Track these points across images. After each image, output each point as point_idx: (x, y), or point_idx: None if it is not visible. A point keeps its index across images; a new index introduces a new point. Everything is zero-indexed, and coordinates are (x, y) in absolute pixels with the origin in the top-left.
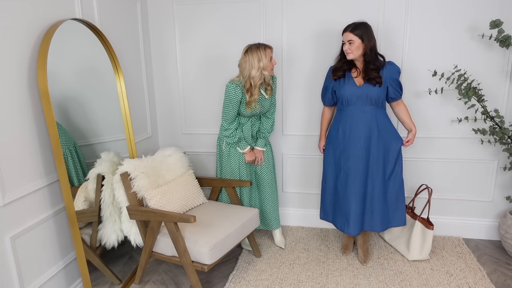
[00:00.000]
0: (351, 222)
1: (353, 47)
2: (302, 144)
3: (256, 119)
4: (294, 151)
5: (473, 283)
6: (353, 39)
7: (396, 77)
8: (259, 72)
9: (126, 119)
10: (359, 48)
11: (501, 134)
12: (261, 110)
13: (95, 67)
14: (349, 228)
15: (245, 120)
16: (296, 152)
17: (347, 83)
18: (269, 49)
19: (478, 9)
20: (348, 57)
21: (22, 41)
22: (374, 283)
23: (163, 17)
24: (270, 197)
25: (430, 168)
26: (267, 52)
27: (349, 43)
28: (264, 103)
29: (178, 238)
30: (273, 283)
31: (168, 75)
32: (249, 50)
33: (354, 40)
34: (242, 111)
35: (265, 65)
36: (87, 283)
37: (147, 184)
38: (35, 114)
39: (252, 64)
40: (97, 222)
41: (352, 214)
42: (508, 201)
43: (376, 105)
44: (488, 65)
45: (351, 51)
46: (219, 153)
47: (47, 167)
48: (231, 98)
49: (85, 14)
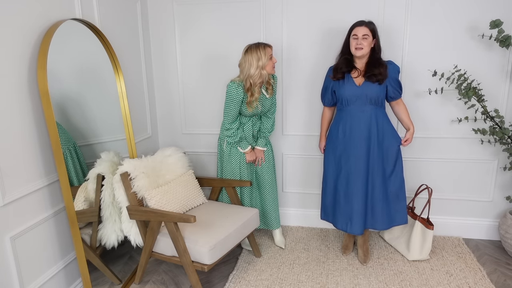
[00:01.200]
0: (354, 221)
1: (366, 42)
2: (302, 144)
3: (257, 118)
4: (294, 151)
5: (473, 283)
6: (368, 34)
7: (396, 76)
8: (258, 71)
9: (126, 119)
10: (370, 45)
11: (501, 134)
12: (262, 110)
13: (95, 67)
14: (352, 228)
15: (246, 120)
16: (296, 152)
17: (346, 83)
18: (269, 47)
19: (478, 9)
20: (358, 53)
21: (22, 41)
22: (374, 283)
23: (163, 17)
24: (270, 197)
25: (430, 168)
26: (267, 51)
27: (364, 38)
28: (265, 102)
29: (178, 238)
30: (273, 283)
31: (168, 75)
32: (249, 50)
33: (369, 35)
34: (243, 110)
35: (264, 64)
36: (87, 283)
37: (147, 184)
38: (35, 114)
39: (251, 63)
40: (97, 222)
41: (354, 214)
42: (508, 201)
43: (376, 104)
44: (488, 65)
45: (363, 47)
46: (220, 153)
47: (47, 167)
48: (233, 97)
49: (85, 14)
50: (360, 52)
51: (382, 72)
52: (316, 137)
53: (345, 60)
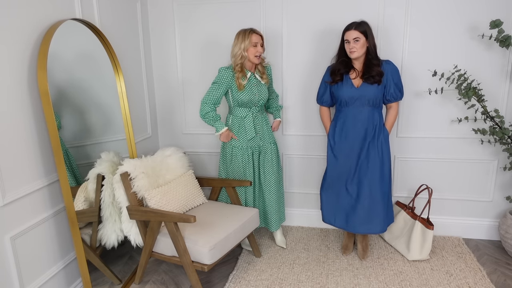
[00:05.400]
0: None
1: (358, 45)
2: (302, 144)
3: (258, 110)
4: (294, 151)
5: (473, 283)
6: (359, 37)
7: (399, 76)
8: (240, 52)
9: (126, 119)
10: (364, 46)
11: (501, 134)
12: (259, 97)
13: (95, 67)
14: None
15: (245, 112)
16: (296, 152)
17: (345, 84)
18: (255, 35)
19: (478, 9)
20: (353, 56)
21: (22, 41)
22: (374, 283)
23: (163, 17)
24: (273, 197)
25: (430, 168)
26: (252, 37)
27: (355, 41)
28: (261, 89)
29: (178, 238)
30: (273, 283)
31: (168, 75)
32: (238, 32)
33: (359, 37)
34: (238, 96)
35: (246, 47)
36: (87, 283)
37: (147, 184)
38: (35, 114)
39: (236, 43)
40: (97, 222)
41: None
42: (508, 201)
43: (374, 105)
44: (488, 65)
45: (356, 49)
46: (222, 154)
47: (47, 167)
48: (219, 78)
49: (85, 14)
50: (353, 55)
51: (378, 72)
52: (316, 137)
53: (343, 62)
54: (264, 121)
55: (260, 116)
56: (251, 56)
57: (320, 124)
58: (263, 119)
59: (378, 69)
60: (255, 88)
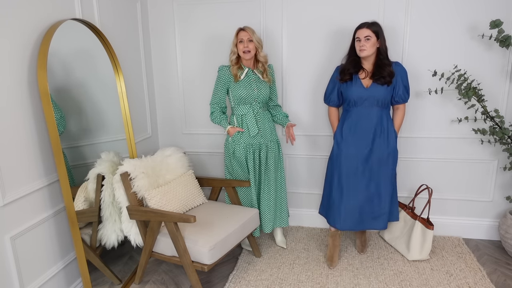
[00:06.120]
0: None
1: (368, 44)
2: (304, 145)
3: (260, 107)
4: (295, 151)
5: (473, 283)
6: (370, 35)
7: (407, 78)
8: (233, 46)
9: (126, 119)
10: (374, 46)
11: (501, 134)
12: (258, 92)
13: (95, 67)
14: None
15: (246, 109)
16: (297, 152)
17: (354, 84)
18: (243, 31)
19: (478, 9)
20: (362, 54)
21: (22, 41)
22: (374, 283)
23: (163, 17)
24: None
25: (430, 168)
26: (240, 34)
27: (366, 39)
28: (262, 86)
29: (178, 238)
30: (273, 283)
31: (168, 75)
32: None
33: (371, 36)
34: (234, 90)
35: (235, 43)
36: (87, 283)
37: (147, 184)
38: (35, 114)
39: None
40: (97, 222)
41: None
42: (508, 201)
43: (382, 106)
44: (488, 65)
45: (366, 48)
46: (226, 155)
47: (47, 167)
48: (218, 77)
49: (85, 14)
50: (363, 53)
51: (390, 72)
52: (317, 137)
53: (353, 61)
54: (266, 119)
55: (262, 113)
56: (240, 52)
57: (318, 124)
58: (265, 117)
59: (389, 69)
60: (254, 83)
